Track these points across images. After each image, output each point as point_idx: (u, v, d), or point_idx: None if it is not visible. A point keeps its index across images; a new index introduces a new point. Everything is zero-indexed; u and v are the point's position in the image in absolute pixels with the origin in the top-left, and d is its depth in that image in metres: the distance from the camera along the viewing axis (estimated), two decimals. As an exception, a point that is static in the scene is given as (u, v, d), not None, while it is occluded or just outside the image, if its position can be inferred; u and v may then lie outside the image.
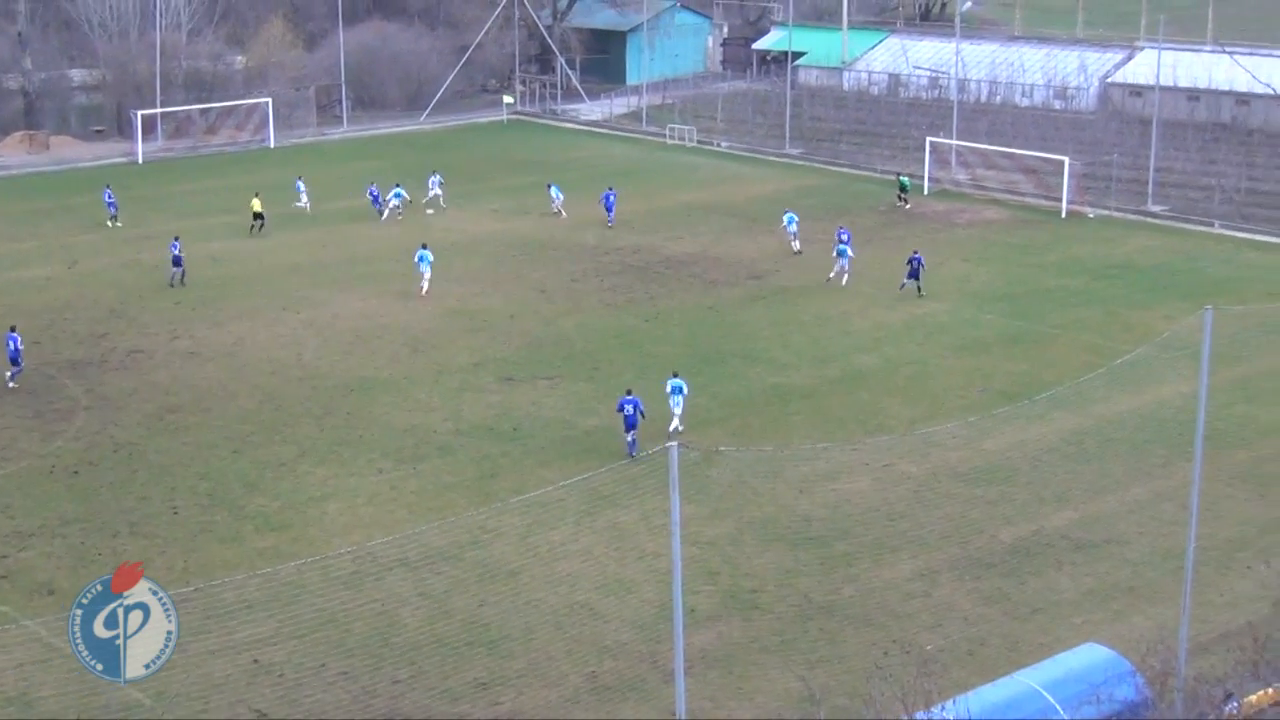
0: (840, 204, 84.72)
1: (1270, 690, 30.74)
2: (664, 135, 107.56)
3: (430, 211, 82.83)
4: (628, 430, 47.16)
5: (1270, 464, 47.49)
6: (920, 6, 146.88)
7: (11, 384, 54.64)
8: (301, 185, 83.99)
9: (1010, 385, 54.66)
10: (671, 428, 48.43)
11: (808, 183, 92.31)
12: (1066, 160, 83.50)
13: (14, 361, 54.73)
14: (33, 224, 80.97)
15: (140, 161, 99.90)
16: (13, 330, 55.80)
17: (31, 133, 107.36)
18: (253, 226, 77.26)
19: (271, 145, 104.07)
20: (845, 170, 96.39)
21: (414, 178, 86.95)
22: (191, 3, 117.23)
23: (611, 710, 33.30)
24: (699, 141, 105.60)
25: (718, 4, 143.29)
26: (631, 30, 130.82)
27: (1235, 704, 29.63)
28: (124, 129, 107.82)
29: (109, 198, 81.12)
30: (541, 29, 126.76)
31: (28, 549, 41.47)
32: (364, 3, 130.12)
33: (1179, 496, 42.01)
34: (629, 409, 47.02)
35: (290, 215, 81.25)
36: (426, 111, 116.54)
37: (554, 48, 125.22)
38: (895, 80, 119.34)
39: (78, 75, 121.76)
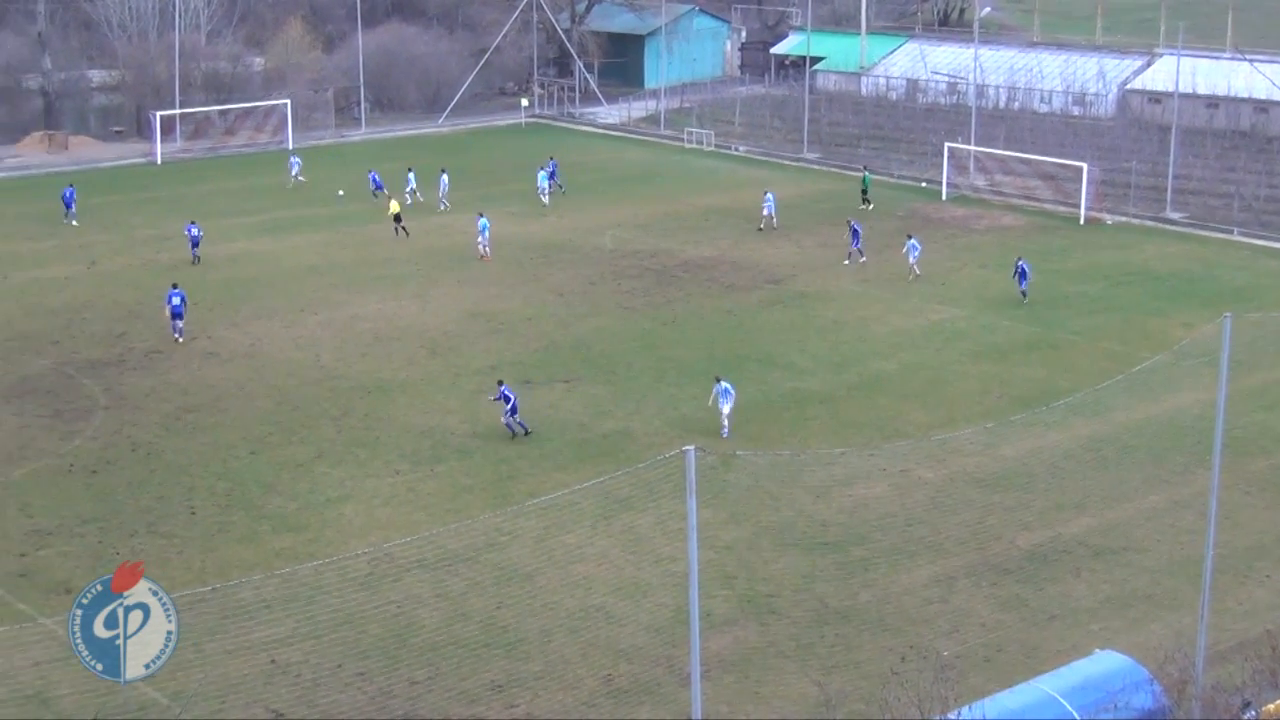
0: (858, 209, 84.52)
1: (1288, 699, 30.65)
2: (682, 139, 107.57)
3: (444, 207, 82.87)
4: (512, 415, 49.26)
5: (1289, 472, 47.40)
6: (939, 12, 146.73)
7: (179, 338, 59.22)
8: (412, 177, 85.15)
9: (1028, 391, 54.58)
10: (725, 431, 49.10)
11: (825, 187, 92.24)
12: (1085, 166, 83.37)
13: (177, 315, 59.35)
14: (52, 224, 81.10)
15: (159, 162, 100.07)
16: (175, 287, 60.15)
17: (51, 133, 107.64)
18: (397, 230, 76.53)
19: (290, 146, 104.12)
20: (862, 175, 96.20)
21: (431, 181, 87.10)
22: (211, 4, 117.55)
23: (627, 713, 33.29)
24: (717, 146, 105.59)
25: (736, 8, 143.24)
26: (650, 34, 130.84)
27: (1253, 712, 29.56)
28: (143, 130, 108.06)
29: (68, 196, 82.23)
30: (560, 32, 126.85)
31: (46, 548, 41.57)
32: (383, 5, 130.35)
33: (1197, 504, 41.91)
34: (510, 396, 49.32)
35: (311, 219, 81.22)
36: (445, 114, 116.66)
37: (572, 51, 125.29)
38: (913, 85, 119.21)
39: (97, 76, 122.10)
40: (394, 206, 77.31)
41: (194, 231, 72.95)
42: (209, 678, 34.04)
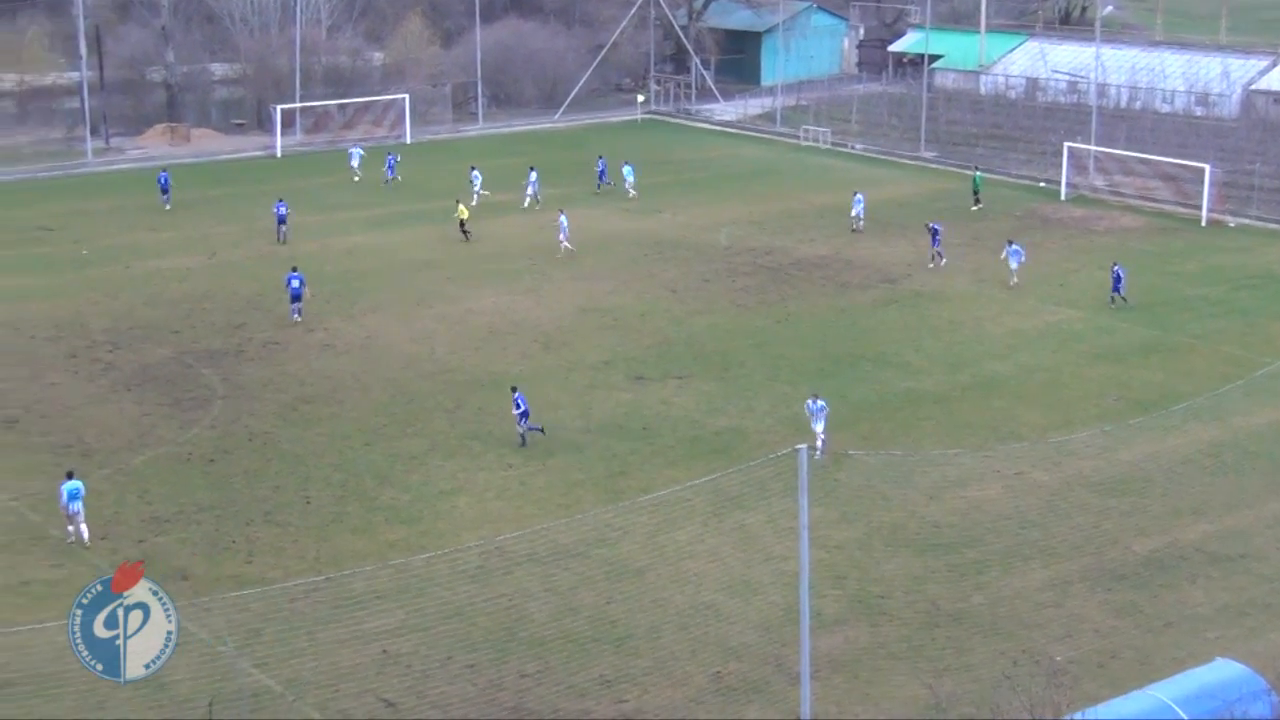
0: (969, 209, 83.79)
1: None
2: (798, 137, 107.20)
3: (534, 204, 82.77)
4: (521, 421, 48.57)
5: None
6: (1060, 10, 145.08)
7: (297, 318, 61.47)
8: (477, 174, 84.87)
9: (1146, 395, 53.90)
10: (818, 453, 46.53)
11: (942, 186, 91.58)
12: (1207, 168, 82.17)
13: (296, 298, 61.67)
14: (172, 215, 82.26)
15: (279, 155, 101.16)
16: (294, 270, 62.65)
17: (173, 125, 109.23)
18: (465, 235, 75.82)
19: (408, 141, 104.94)
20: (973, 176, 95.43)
21: (548, 174, 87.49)
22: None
23: (735, 711, 33.24)
24: (833, 144, 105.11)
25: (854, 5, 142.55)
26: (767, 31, 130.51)
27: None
28: (263, 123, 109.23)
29: (164, 181, 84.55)
30: (677, 29, 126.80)
31: (164, 534, 42.17)
32: (501, 1, 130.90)
33: (1319, 512, 41.25)
34: (521, 402, 48.60)
35: (425, 212, 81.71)
36: (561, 110, 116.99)
37: (689, 47, 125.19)
38: (1033, 84, 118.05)
39: (219, 69, 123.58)
40: (462, 212, 76.26)
41: (281, 210, 75.61)
42: (321, 666, 34.41)
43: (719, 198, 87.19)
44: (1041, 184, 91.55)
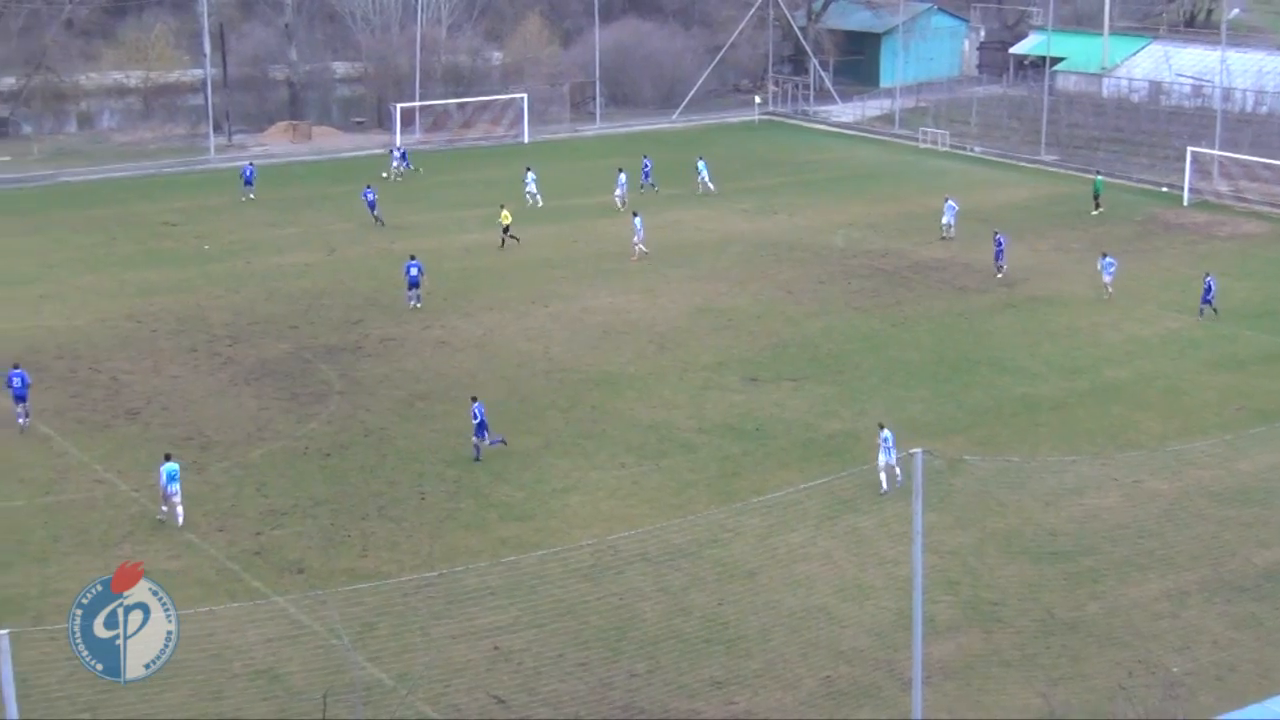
0: (1090, 213, 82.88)
1: None
2: (916, 139, 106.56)
3: (621, 207, 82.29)
4: (478, 434, 47.47)
5: None
6: (1185, 12, 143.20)
7: (416, 305, 63.47)
8: (532, 176, 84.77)
9: (1269, 404, 53.02)
10: (883, 488, 44.34)
11: (1063, 190, 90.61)
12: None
13: (413, 285, 63.67)
14: (293, 211, 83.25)
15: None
16: (413, 258, 64.33)
17: (295, 123, 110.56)
18: (503, 241, 74.74)
19: (526, 141, 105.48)
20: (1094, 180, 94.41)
21: (666, 174, 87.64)
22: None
23: (846, 715, 33.08)
24: (952, 146, 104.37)
25: (975, 7, 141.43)
26: (886, 32, 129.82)
27: None
28: (383, 121, 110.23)
29: (249, 173, 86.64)
30: (796, 30, 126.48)
31: (280, 527, 42.66)
32: (620, 1, 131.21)
33: None
34: (479, 413, 47.26)
35: (542, 211, 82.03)
36: (679, 110, 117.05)
37: (808, 49, 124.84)
38: (1157, 88, 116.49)
39: (340, 68, 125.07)
40: (505, 217, 74.67)
41: (370, 196, 79.22)
42: (434, 661, 34.61)
43: (836, 200, 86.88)
44: (1164, 189, 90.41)
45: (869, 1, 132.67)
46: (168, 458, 42.98)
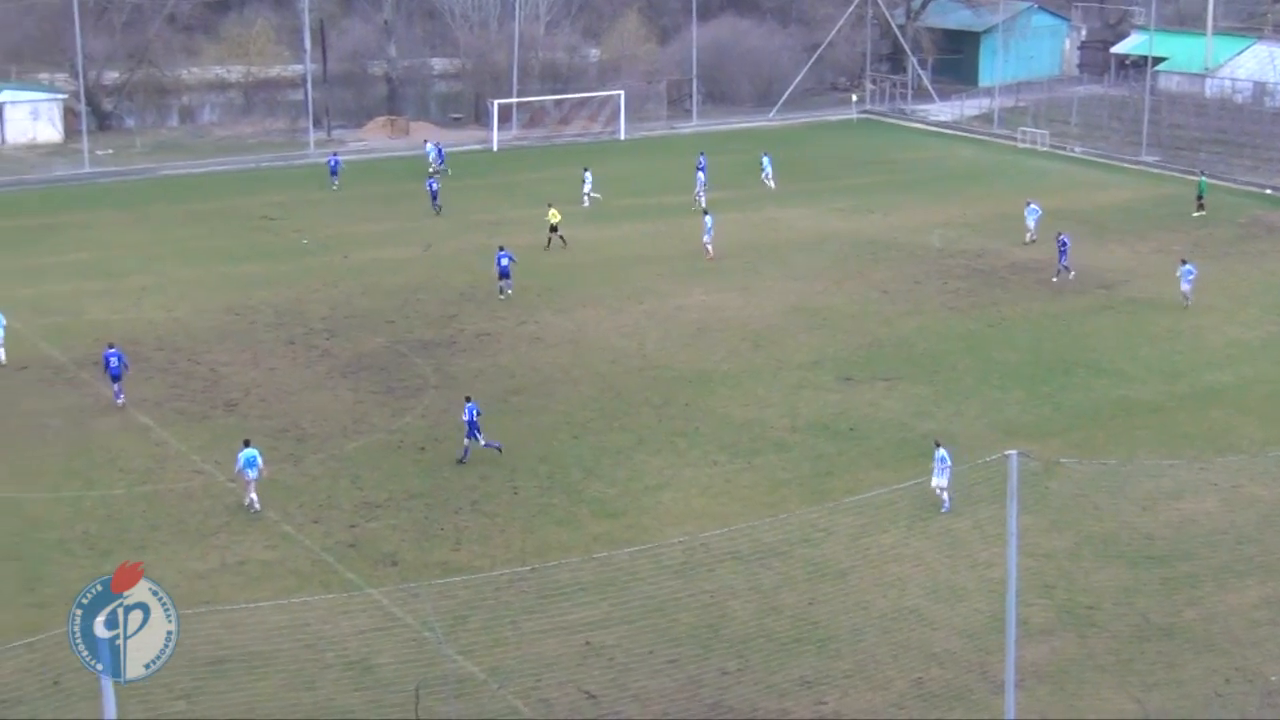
0: (1191, 215, 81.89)
1: None
2: (1015, 139, 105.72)
3: (701, 202, 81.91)
4: (467, 436, 46.95)
5: None
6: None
7: (507, 293, 64.53)
8: (589, 176, 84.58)
9: (1373, 410, 52.25)
10: (946, 506, 42.98)
11: (1164, 192, 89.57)
12: None
13: (504, 275, 64.66)
14: (391, 206, 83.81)
15: (495, 149, 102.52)
16: (502, 249, 65.43)
17: (393, 118, 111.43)
18: (549, 240, 73.70)
19: (622, 137, 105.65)
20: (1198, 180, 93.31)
21: (752, 172, 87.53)
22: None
23: (938, 718, 32.85)
24: (1051, 146, 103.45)
25: (1077, 6, 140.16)
26: (986, 31, 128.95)
27: None
28: (481, 117, 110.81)
29: (334, 164, 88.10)
30: (894, 28, 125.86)
31: (375, 520, 42.93)
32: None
33: None
34: (471, 413, 46.82)
35: (637, 208, 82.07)
36: (775, 108, 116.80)
37: (906, 47, 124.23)
38: (1261, 89, 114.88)
39: (438, 64, 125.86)
40: (553, 215, 74.17)
41: (433, 186, 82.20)
42: (525, 655, 34.76)
43: (932, 199, 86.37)
44: (1268, 191, 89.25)
45: (969, 0, 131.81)
46: (247, 443, 43.39)
